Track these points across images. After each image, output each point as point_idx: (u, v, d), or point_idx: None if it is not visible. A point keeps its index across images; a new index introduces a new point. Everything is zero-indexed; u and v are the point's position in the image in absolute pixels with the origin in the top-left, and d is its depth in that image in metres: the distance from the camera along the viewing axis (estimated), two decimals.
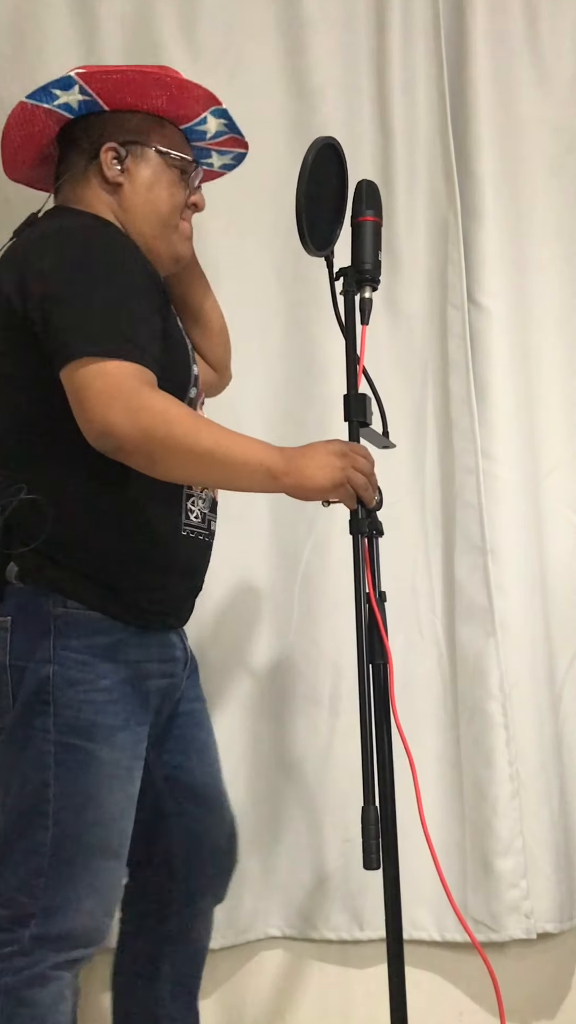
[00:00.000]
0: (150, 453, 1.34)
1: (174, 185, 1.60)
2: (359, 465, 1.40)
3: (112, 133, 1.57)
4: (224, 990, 2.01)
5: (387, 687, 1.42)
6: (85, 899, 1.40)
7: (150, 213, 1.58)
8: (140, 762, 1.48)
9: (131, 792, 1.46)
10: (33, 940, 1.38)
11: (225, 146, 1.72)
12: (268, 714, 2.06)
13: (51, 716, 1.40)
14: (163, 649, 1.55)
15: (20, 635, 1.43)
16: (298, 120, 2.14)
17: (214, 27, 2.13)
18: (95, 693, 1.43)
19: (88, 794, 1.40)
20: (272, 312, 2.12)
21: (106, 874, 1.43)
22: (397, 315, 2.17)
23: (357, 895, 2.02)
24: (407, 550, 2.12)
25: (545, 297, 2.25)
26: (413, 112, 2.19)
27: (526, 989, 2.09)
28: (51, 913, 1.38)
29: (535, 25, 2.29)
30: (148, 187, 1.58)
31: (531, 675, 2.11)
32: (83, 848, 1.40)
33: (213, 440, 1.35)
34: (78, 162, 1.59)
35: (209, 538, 1.60)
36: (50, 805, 1.39)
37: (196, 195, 1.65)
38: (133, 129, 1.58)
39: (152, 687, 1.52)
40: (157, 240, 1.59)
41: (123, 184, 1.57)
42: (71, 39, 2.06)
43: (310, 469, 1.37)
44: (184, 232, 1.63)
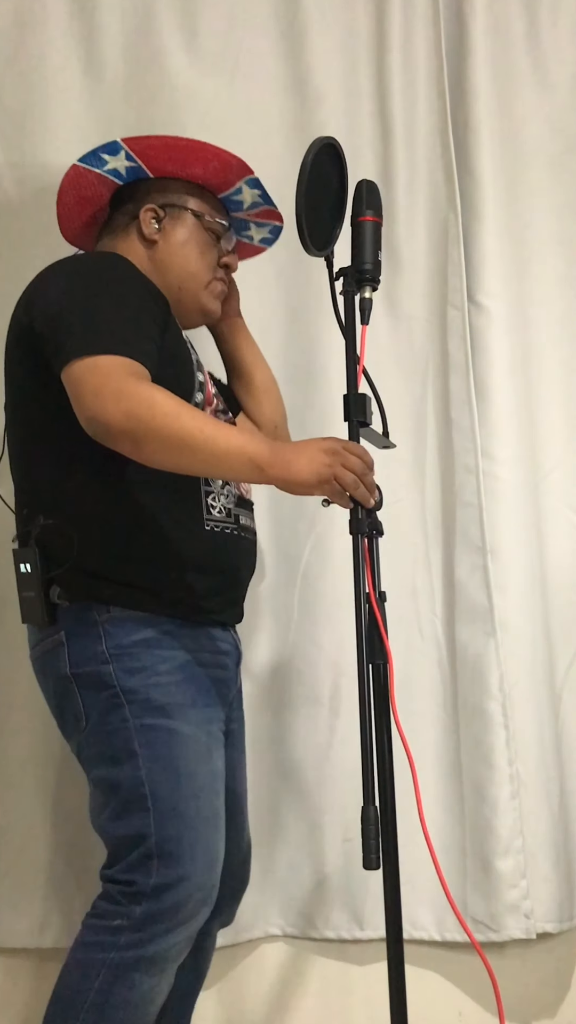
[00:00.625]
0: (134, 436, 1.38)
1: (206, 246, 1.70)
2: (349, 463, 1.40)
3: (154, 196, 1.69)
4: (224, 989, 2.02)
5: (387, 687, 1.42)
6: (195, 874, 1.45)
7: (180, 268, 1.67)
8: (217, 742, 1.53)
9: (212, 768, 1.51)
10: (145, 916, 1.42)
11: (261, 218, 1.80)
12: (268, 714, 2.06)
13: (124, 706, 1.47)
14: (211, 642, 1.59)
15: (75, 646, 1.51)
16: (298, 120, 2.14)
17: (214, 27, 2.13)
18: (157, 676, 1.49)
19: (176, 767, 1.46)
20: (272, 312, 2.12)
21: (210, 845, 1.47)
22: (397, 315, 2.17)
23: (357, 895, 2.02)
24: (407, 550, 2.12)
25: (545, 297, 2.25)
26: (413, 112, 2.19)
27: (526, 989, 2.09)
28: (163, 890, 1.43)
29: (535, 25, 2.29)
30: (181, 245, 1.68)
31: (531, 675, 2.11)
32: (184, 822, 1.45)
33: (196, 427, 1.39)
34: (120, 221, 1.70)
35: (239, 531, 1.62)
36: (146, 787, 1.45)
37: (229, 257, 1.74)
38: (173, 193, 1.69)
39: (208, 675, 1.55)
40: (183, 292, 1.68)
41: (158, 241, 1.67)
42: (71, 40, 2.06)
43: (296, 464, 1.39)
44: (214, 291, 1.72)
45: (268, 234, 1.86)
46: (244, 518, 1.65)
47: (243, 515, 1.65)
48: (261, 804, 2.01)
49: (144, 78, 2.07)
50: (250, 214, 1.79)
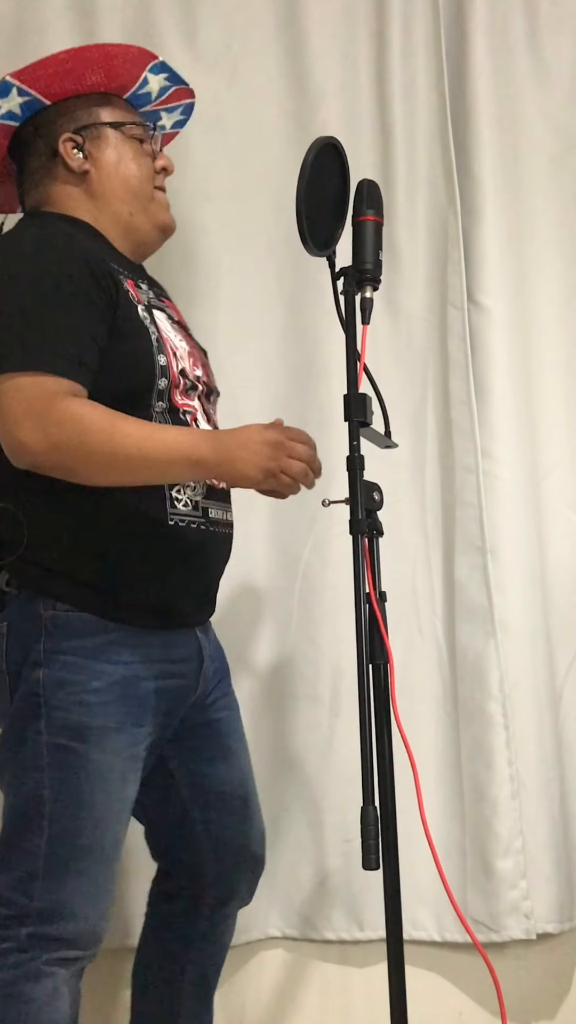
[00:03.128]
0: (66, 466, 1.36)
1: (138, 155, 1.61)
2: (295, 452, 1.38)
3: (64, 124, 1.58)
4: (224, 990, 2.00)
5: (387, 687, 1.42)
6: (79, 903, 1.40)
7: (123, 190, 1.59)
8: (137, 763, 1.47)
9: (126, 795, 1.45)
10: (30, 938, 1.38)
11: (172, 101, 1.71)
12: (268, 714, 2.06)
13: (43, 718, 1.41)
14: (166, 649, 1.52)
15: (15, 640, 1.44)
16: (298, 120, 2.14)
17: (214, 28, 2.13)
18: (85, 695, 1.42)
19: (80, 796, 1.40)
20: (272, 312, 2.12)
21: (100, 877, 1.42)
22: (397, 315, 2.17)
23: (357, 895, 2.02)
24: (407, 550, 2.12)
25: (545, 297, 2.25)
26: (413, 112, 2.19)
27: (526, 989, 2.09)
28: (46, 915, 1.38)
29: (535, 24, 2.28)
30: (114, 165, 1.58)
31: (531, 675, 2.11)
32: (77, 850, 1.40)
33: (132, 443, 1.35)
34: (38, 164, 1.60)
35: (209, 525, 1.54)
36: (45, 807, 1.39)
37: (162, 159, 1.66)
38: (81, 114, 1.59)
39: (150, 688, 1.48)
40: (136, 216, 1.60)
41: (89, 171, 1.58)
42: (71, 41, 2.05)
43: (240, 461, 1.37)
44: (161, 201, 1.64)
45: (180, 115, 1.78)
46: (215, 510, 1.55)
47: (213, 507, 1.55)
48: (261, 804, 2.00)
49: None
50: (159, 103, 1.70)
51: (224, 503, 1.60)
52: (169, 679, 1.52)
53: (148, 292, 1.59)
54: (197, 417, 1.56)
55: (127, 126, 1.61)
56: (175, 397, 1.52)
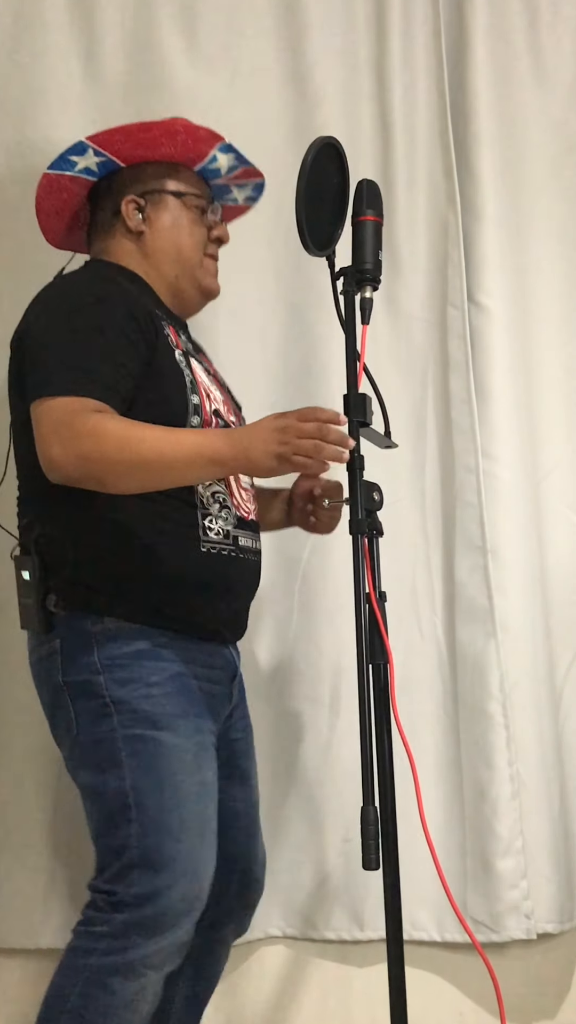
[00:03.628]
0: (95, 476, 1.42)
1: (194, 224, 1.70)
2: (303, 431, 1.39)
3: (131, 186, 1.68)
4: (224, 990, 2.01)
5: (387, 687, 1.42)
6: (176, 885, 1.44)
7: (172, 253, 1.68)
8: (206, 753, 1.52)
9: (201, 779, 1.50)
10: (125, 924, 1.42)
11: (241, 179, 1.80)
12: (268, 714, 2.05)
13: (113, 715, 1.47)
14: (206, 656, 1.58)
15: (68, 655, 1.51)
16: (298, 120, 2.14)
17: (214, 28, 2.13)
18: (147, 688, 1.48)
19: (161, 778, 1.46)
20: (272, 312, 2.12)
21: (194, 856, 1.47)
22: (397, 315, 2.17)
23: (357, 895, 2.02)
24: (407, 550, 2.12)
25: (545, 297, 2.25)
26: (413, 112, 2.19)
27: (526, 989, 2.09)
28: (143, 900, 1.43)
29: (535, 24, 2.29)
30: (168, 229, 1.68)
31: (531, 675, 2.11)
32: (167, 832, 1.44)
33: (147, 447, 1.40)
34: (104, 219, 1.70)
35: (238, 552, 1.60)
36: (130, 797, 1.45)
37: (218, 229, 1.75)
38: (149, 179, 1.69)
39: (200, 687, 1.55)
40: (181, 279, 1.69)
41: (145, 232, 1.68)
42: (71, 41, 2.07)
43: (254, 452, 1.40)
44: (209, 268, 1.73)
45: (252, 192, 1.85)
46: (244, 539, 1.63)
47: (243, 536, 1.62)
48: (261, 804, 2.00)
49: (144, 78, 2.07)
50: (229, 178, 1.78)
51: (253, 532, 1.67)
52: (209, 683, 1.58)
53: (187, 343, 1.68)
54: None
55: (188, 196, 1.70)
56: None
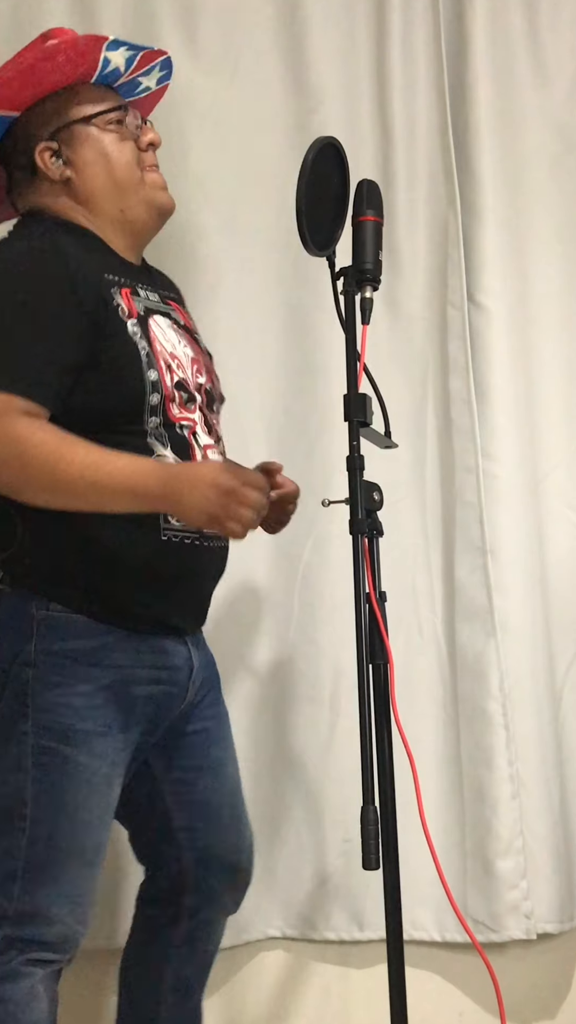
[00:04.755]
0: (8, 484, 1.37)
1: (118, 142, 1.57)
2: (248, 501, 1.35)
3: (37, 132, 1.55)
4: (224, 990, 2.01)
5: (387, 687, 1.42)
6: (56, 906, 1.39)
7: (108, 187, 1.55)
8: (120, 769, 1.47)
9: (109, 799, 1.45)
10: (5, 940, 1.38)
11: (144, 66, 1.65)
12: (268, 714, 2.06)
13: (29, 719, 1.40)
14: (156, 656, 1.51)
15: (5, 639, 1.44)
16: (298, 120, 2.14)
17: (214, 27, 2.13)
18: (73, 697, 1.42)
19: (63, 799, 1.40)
20: (272, 312, 2.12)
21: (79, 881, 1.42)
22: (397, 315, 2.17)
23: (357, 895, 2.02)
24: (407, 550, 2.12)
25: (545, 297, 2.25)
26: (413, 112, 2.19)
27: (526, 989, 2.09)
28: (23, 917, 1.38)
29: (535, 24, 2.29)
30: (94, 163, 1.54)
31: (531, 675, 2.11)
32: (56, 853, 1.39)
33: (75, 470, 1.34)
34: (23, 177, 1.58)
35: (203, 541, 1.51)
36: (27, 807, 1.39)
37: (147, 134, 1.61)
38: (51, 116, 1.55)
39: (140, 693, 1.48)
40: (129, 209, 1.57)
41: (71, 176, 1.55)
42: None
43: (188, 501, 1.35)
44: (155, 182, 1.60)
45: (160, 72, 1.71)
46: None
47: None
48: (261, 804, 2.01)
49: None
50: (132, 72, 1.63)
51: None
52: (158, 685, 1.51)
53: (147, 298, 1.57)
54: (196, 430, 1.54)
55: (99, 116, 1.55)
56: (171, 411, 1.51)
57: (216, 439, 1.60)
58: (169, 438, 1.49)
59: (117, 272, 1.53)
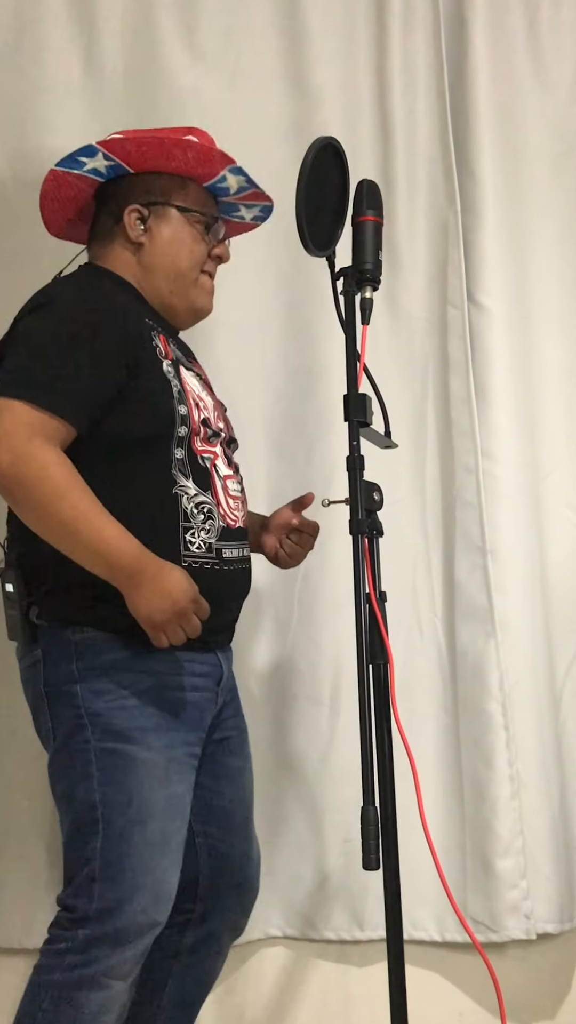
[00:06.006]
0: (13, 497, 1.44)
1: (195, 241, 1.68)
2: (189, 626, 1.44)
3: (136, 195, 1.66)
4: (224, 990, 2.01)
5: (387, 687, 1.42)
6: (136, 898, 1.44)
7: (169, 268, 1.66)
8: (178, 765, 1.51)
9: (172, 792, 1.50)
10: (87, 939, 1.42)
11: (250, 200, 1.77)
12: (268, 714, 2.06)
13: (87, 727, 1.48)
14: (190, 664, 1.56)
15: (50, 665, 1.52)
16: (298, 120, 2.14)
17: (214, 28, 2.13)
18: (122, 700, 1.49)
19: (129, 793, 1.46)
20: (272, 312, 2.12)
21: (156, 871, 1.47)
22: (397, 315, 2.17)
23: (357, 895, 2.02)
24: (407, 550, 2.12)
25: (545, 297, 2.25)
26: (413, 112, 2.19)
27: (526, 989, 2.09)
28: (104, 914, 1.43)
29: (535, 25, 2.29)
30: (168, 244, 1.66)
31: (531, 675, 2.11)
32: (130, 846, 1.45)
33: (73, 516, 1.41)
34: (106, 223, 1.68)
35: (223, 565, 1.57)
36: (98, 810, 1.46)
37: (219, 248, 1.72)
38: (156, 190, 1.66)
39: (180, 697, 1.54)
40: (174, 296, 1.67)
41: (144, 244, 1.65)
42: (71, 40, 2.07)
43: (142, 596, 1.42)
44: (204, 286, 1.70)
45: (259, 212, 1.83)
46: (229, 550, 1.59)
47: (228, 547, 1.59)
48: (261, 804, 2.00)
49: (144, 78, 2.07)
50: (238, 198, 1.76)
51: (239, 541, 1.63)
52: (191, 692, 1.56)
53: (177, 351, 1.65)
54: (216, 463, 1.61)
55: (192, 212, 1.67)
56: (195, 444, 1.58)
57: (235, 470, 1.68)
58: (192, 469, 1.56)
59: (156, 322, 1.63)
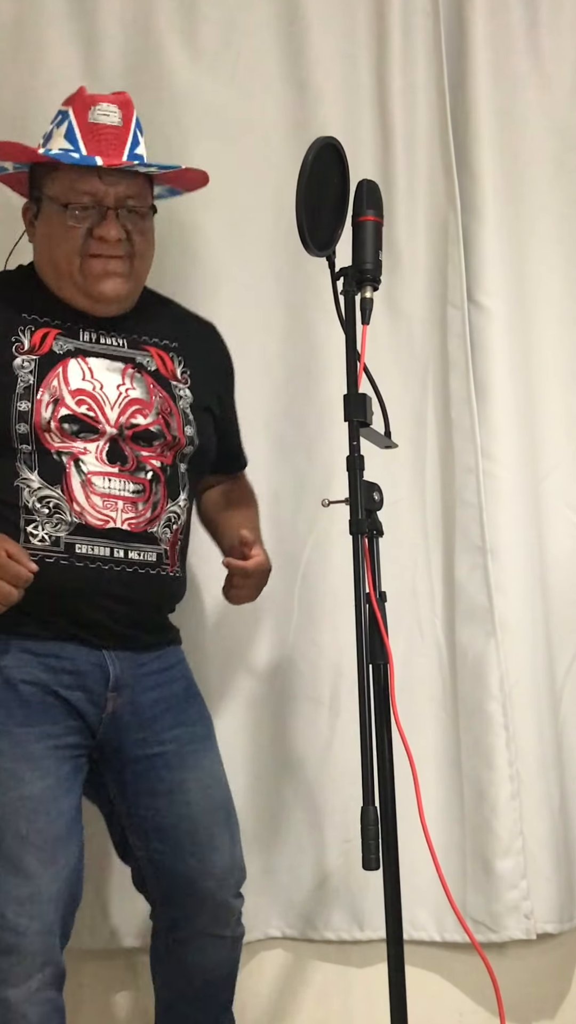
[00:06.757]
0: None
1: (66, 230, 1.61)
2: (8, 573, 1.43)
3: (31, 191, 1.68)
4: None
5: (387, 687, 1.42)
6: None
7: (47, 262, 1.65)
8: (28, 763, 1.49)
9: (25, 793, 1.47)
10: None
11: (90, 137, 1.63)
12: (268, 714, 2.06)
13: None
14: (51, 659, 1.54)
15: None
16: (298, 120, 2.14)
17: (214, 27, 2.13)
18: None
19: None
20: (272, 312, 2.12)
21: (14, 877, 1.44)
22: (397, 315, 2.17)
23: (357, 895, 2.02)
24: (407, 550, 2.12)
25: (545, 296, 2.25)
26: (413, 112, 2.19)
27: (526, 989, 2.09)
28: None
29: (535, 24, 2.29)
30: (42, 239, 1.66)
31: (531, 675, 2.11)
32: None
33: None
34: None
35: (75, 560, 1.54)
36: None
37: (99, 228, 1.60)
38: (36, 181, 1.66)
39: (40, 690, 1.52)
40: (61, 290, 1.64)
41: (34, 241, 1.69)
42: (71, 40, 2.06)
43: None
44: (92, 270, 1.61)
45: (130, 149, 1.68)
46: (88, 547, 1.55)
47: (87, 544, 1.55)
48: (261, 804, 2.01)
49: (144, 78, 2.07)
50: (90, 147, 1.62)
51: (115, 540, 1.57)
52: (61, 687, 1.54)
53: (87, 341, 1.63)
54: (82, 458, 1.56)
55: (60, 202, 1.60)
56: (45, 439, 1.55)
57: (133, 468, 1.60)
58: (39, 463, 1.55)
59: (48, 315, 1.62)
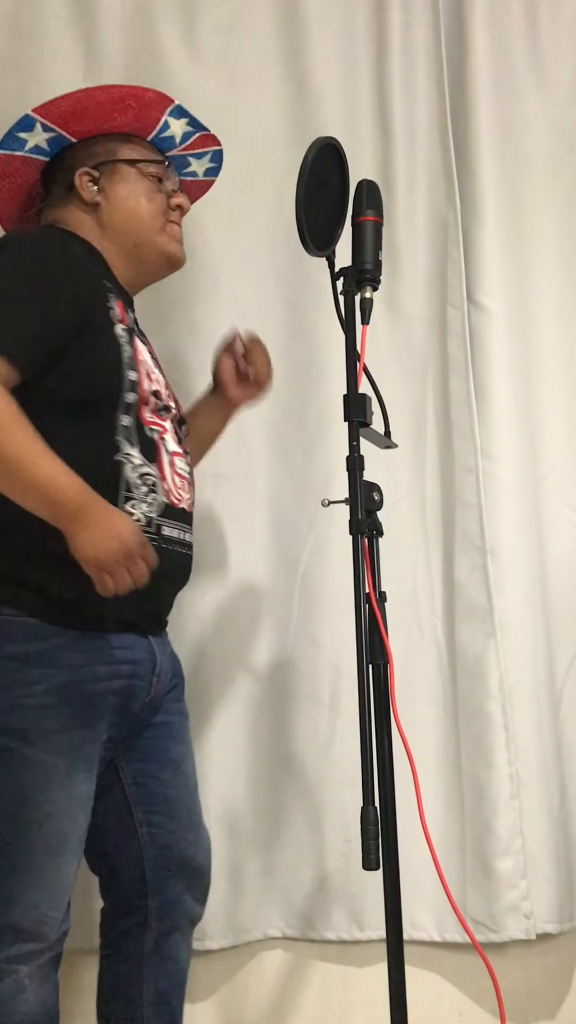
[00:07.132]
0: None
1: (152, 192, 1.66)
2: (136, 571, 1.38)
3: (83, 160, 1.65)
4: (224, 990, 2.01)
5: (387, 687, 1.42)
6: (29, 894, 1.42)
7: (130, 220, 1.64)
8: (83, 763, 1.48)
9: (74, 793, 1.47)
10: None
11: (197, 148, 1.76)
12: (268, 714, 2.06)
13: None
14: (116, 651, 1.52)
15: None
16: (298, 120, 2.14)
17: (214, 28, 2.13)
18: (28, 698, 1.44)
19: (24, 794, 1.43)
20: (272, 312, 2.12)
21: (51, 871, 1.44)
22: (397, 315, 2.17)
23: (357, 895, 2.02)
24: (407, 550, 2.12)
25: (545, 297, 2.25)
26: (413, 112, 2.19)
27: (526, 989, 2.09)
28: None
29: (535, 25, 2.29)
30: (125, 199, 1.64)
31: (531, 675, 2.11)
32: (24, 846, 1.43)
33: (14, 450, 1.36)
34: (58, 193, 1.67)
35: (162, 543, 1.53)
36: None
37: (177, 197, 1.70)
38: (102, 152, 1.66)
39: (102, 689, 1.50)
40: (141, 247, 1.65)
41: (100, 203, 1.64)
42: (71, 40, 2.06)
43: (89, 535, 1.37)
44: (173, 234, 1.68)
45: (210, 163, 1.82)
46: (169, 529, 1.55)
47: (168, 526, 1.55)
48: (261, 804, 2.01)
49: (144, 78, 2.06)
50: (185, 148, 1.75)
51: (183, 523, 1.59)
52: (118, 679, 1.52)
53: (135, 322, 1.63)
54: (166, 437, 1.58)
55: (143, 163, 1.66)
56: (143, 413, 1.55)
57: (185, 451, 1.64)
58: (139, 438, 1.52)
59: (114, 286, 1.61)
